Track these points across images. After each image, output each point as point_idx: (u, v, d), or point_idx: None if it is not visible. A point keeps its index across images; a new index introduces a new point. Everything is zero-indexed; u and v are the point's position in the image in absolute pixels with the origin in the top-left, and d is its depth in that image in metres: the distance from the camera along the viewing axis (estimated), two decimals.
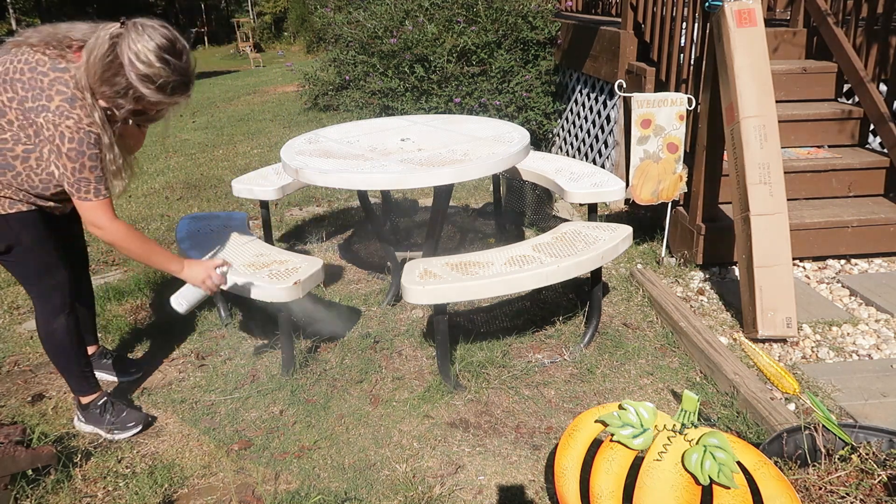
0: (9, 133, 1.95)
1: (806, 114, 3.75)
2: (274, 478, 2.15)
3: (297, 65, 10.53)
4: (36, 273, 2.16)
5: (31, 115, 1.90)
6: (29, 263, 2.13)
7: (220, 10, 31.52)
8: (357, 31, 6.57)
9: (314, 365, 2.76)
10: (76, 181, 1.95)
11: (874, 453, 1.72)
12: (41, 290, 2.18)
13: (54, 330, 2.21)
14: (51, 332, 2.22)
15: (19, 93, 1.90)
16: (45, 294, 2.18)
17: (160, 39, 1.89)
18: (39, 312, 2.21)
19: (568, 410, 2.42)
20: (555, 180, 3.28)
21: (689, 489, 1.62)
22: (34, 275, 2.16)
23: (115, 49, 1.86)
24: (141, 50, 1.86)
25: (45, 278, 2.17)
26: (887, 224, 3.34)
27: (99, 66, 1.87)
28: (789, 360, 2.62)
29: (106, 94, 1.92)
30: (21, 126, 1.94)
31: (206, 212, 3.75)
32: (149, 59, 1.86)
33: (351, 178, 2.65)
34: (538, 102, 5.85)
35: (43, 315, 2.21)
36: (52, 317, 2.20)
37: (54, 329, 2.21)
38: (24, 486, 2.06)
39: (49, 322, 2.21)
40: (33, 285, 2.18)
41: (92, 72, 1.88)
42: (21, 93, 1.90)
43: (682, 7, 3.84)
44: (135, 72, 1.87)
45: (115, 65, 1.87)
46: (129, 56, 1.86)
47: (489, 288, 2.44)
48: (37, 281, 2.17)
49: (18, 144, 1.96)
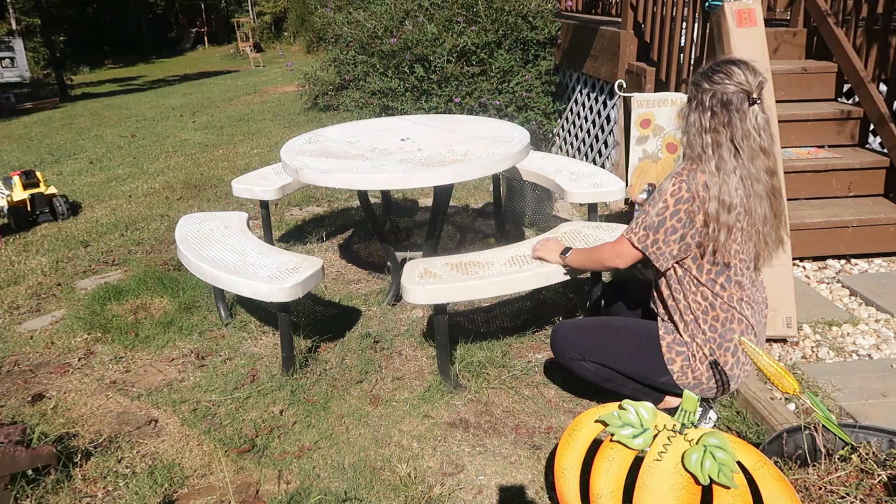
0: None
1: (806, 114, 3.75)
2: (274, 478, 2.15)
3: (297, 65, 10.53)
4: None
5: None
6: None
7: (220, 10, 31.50)
8: (357, 31, 6.57)
9: (314, 365, 2.76)
10: None
11: (874, 453, 1.72)
12: None
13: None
14: None
15: None
16: None
17: None
18: None
19: (568, 410, 2.42)
20: (555, 180, 3.28)
21: (689, 489, 1.62)
22: None
23: None
24: None
25: None
26: (887, 224, 3.33)
27: None
28: (789, 360, 2.62)
29: None
30: None
31: (206, 212, 3.75)
32: None
33: (351, 178, 2.65)
34: (538, 102, 5.85)
35: None
36: None
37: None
38: (24, 486, 2.06)
39: None
40: None
41: None
42: None
43: (682, 7, 3.84)
44: None
45: None
46: None
47: (489, 288, 2.44)
48: None
49: None
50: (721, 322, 1.93)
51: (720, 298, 1.91)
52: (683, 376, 2.02)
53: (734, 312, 1.91)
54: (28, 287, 3.72)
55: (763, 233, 1.91)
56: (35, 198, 4.82)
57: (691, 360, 2.00)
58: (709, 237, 1.85)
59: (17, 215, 4.73)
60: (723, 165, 1.84)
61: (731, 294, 1.89)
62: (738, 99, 1.84)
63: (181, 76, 18.40)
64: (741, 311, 1.92)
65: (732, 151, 1.85)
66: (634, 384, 2.18)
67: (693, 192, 1.85)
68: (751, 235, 1.90)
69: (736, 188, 1.84)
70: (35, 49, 20.95)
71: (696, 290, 1.94)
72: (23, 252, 4.29)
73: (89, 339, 3.06)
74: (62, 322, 3.25)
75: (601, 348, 2.15)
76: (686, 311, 1.98)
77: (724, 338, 1.94)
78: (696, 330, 1.97)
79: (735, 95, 1.84)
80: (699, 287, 1.93)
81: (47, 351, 3.01)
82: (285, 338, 2.63)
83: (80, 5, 27.40)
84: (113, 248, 4.26)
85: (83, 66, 23.33)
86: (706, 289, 1.92)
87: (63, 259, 4.12)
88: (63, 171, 6.73)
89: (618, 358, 2.12)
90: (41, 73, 20.08)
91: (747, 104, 1.84)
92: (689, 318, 1.98)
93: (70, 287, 3.68)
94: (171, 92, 13.51)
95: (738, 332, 1.94)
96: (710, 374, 1.99)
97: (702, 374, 2.00)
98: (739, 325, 1.93)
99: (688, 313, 1.98)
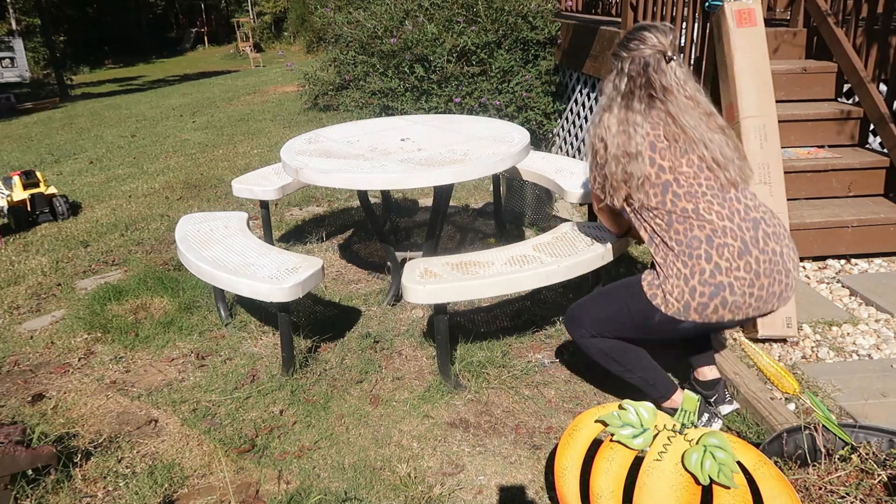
0: None
1: (806, 114, 3.75)
2: (274, 478, 2.15)
3: (297, 65, 10.54)
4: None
5: None
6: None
7: (220, 10, 31.51)
8: (357, 31, 6.57)
9: (314, 365, 2.76)
10: None
11: (874, 453, 1.72)
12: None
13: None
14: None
15: None
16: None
17: None
18: None
19: (568, 410, 2.42)
20: (555, 180, 3.28)
21: (689, 489, 1.62)
22: None
23: None
24: None
25: None
26: (887, 224, 3.33)
27: None
28: (789, 360, 2.62)
29: None
30: None
31: (206, 212, 3.75)
32: None
33: (351, 178, 2.65)
34: (538, 102, 5.85)
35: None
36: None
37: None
38: (24, 486, 2.06)
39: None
40: None
41: None
42: None
43: (682, 7, 3.84)
44: None
45: None
46: None
47: (489, 288, 2.44)
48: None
49: None
50: (682, 233, 1.95)
51: (674, 214, 1.95)
52: (670, 305, 1.96)
53: (691, 221, 1.93)
54: (28, 287, 3.72)
55: (710, 155, 1.96)
56: (35, 198, 4.82)
57: (671, 286, 1.95)
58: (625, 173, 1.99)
59: (17, 215, 4.73)
60: (630, 116, 1.99)
61: (683, 206, 1.94)
62: (654, 60, 1.99)
63: (181, 76, 18.41)
64: (699, 219, 1.93)
65: (646, 103, 1.99)
66: (642, 372, 2.15)
67: (599, 133, 2.04)
68: (699, 166, 1.96)
69: (644, 136, 1.96)
70: (35, 49, 20.96)
71: (653, 216, 2.00)
72: (23, 252, 4.30)
73: (89, 339, 3.06)
74: (62, 322, 3.25)
75: (599, 313, 2.14)
76: (654, 239, 2.02)
77: (691, 246, 1.93)
78: (666, 251, 1.98)
79: (651, 57, 1.99)
80: (653, 211, 1.99)
81: (47, 351, 3.01)
82: (285, 338, 2.63)
83: (80, 5, 27.42)
84: (113, 248, 4.26)
85: (83, 66, 23.35)
86: (660, 210, 1.98)
87: (63, 259, 4.12)
88: (63, 171, 6.73)
89: (616, 318, 2.10)
90: (41, 73, 20.09)
91: (664, 62, 1.99)
92: (658, 244, 2.01)
93: (70, 287, 3.68)
94: (171, 92, 13.51)
95: (704, 238, 1.92)
96: (692, 289, 1.92)
97: (684, 293, 1.93)
98: (702, 231, 1.92)
99: (655, 239, 2.01)
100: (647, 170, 1.95)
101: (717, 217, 1.93)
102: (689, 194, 1.93)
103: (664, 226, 1.97)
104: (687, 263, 1.93)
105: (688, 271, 1.92)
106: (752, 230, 1.93)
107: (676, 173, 1.94)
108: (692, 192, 1.93)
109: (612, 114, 2.02)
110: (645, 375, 2.17)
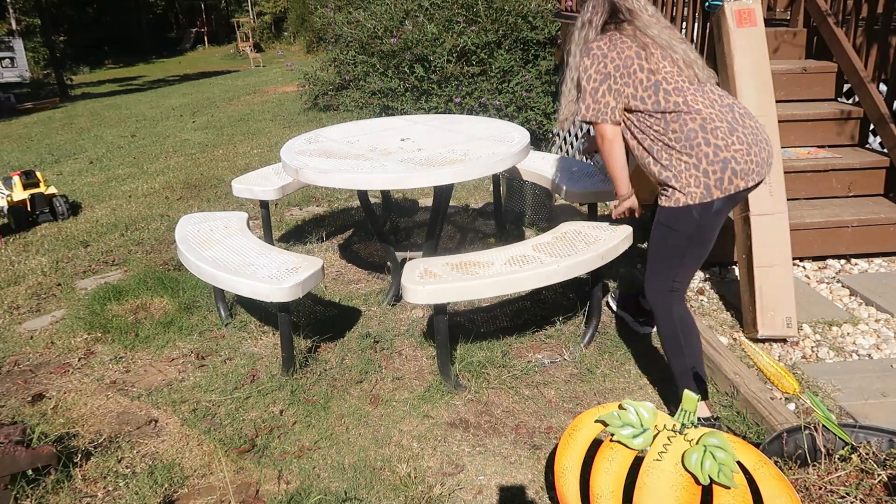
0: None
1: (806, 114, 3.75)
2: (274, 478, 2.15)
3: (297, 65, 10.54)
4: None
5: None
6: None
7: (220, 10, 31.51)
8: (357, 31, 6.58)
9: (314, 365, 2.76)
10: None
11: (874, 453, 1.72)
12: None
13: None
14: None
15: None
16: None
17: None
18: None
19: (568, 410, 2.42)
20: (555, 180, 3.28)
21: (689, 489, 1.62)
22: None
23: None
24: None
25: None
26: (887, 224, 3.34)
27: None
28: (789, 360, 2.62)
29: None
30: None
31: (206, 212, 3.75)
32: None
33: (351, 178, 2.65)
34: (538, 102, 5.85)
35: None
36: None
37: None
38: (24, 486, 2.07)
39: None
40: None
41: None
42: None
43: (682, 7, 3.84)
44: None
45: None
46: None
47: (489, 288, 2.43)
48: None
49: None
50: (679, 130, 2.14)
51: (667, 113, 2.15)
52: (694, 195, 2.12)
53: (684, 116, 2.14)
54: (28, 287, 3.72)
55: (680, 57, 2.20)
56: (35, 198, 4.82)
57: (686, 180, 2.13)
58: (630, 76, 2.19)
59: (17, 215, 4.73)
60: (612, 36, 2.20)
61: (675, 101, 2.14)
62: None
63: (181, 76, 18.41)
64: (689, 110, 2.13)
65: (618, 26, 2.23)
66: (691, 354, 2.23)
67: (597, 55, 2.21)
68: (674, 62, 2.19)
69: (628, 48, 2.18)
70: (35, 49, 20.96)
71: (650, 124, 2.18)
72: (23, 252, 4.30)
73: (89, 339, 3.06)
74: (62, 322, 3.25)
75: (664, 264, 2.26)
76: (655, 146, 2.19)
77: (689, 138, 2.13)
78: (670, 152, 2.16)
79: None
80: (650, 116, 2.18)
81: (47, 351, 3.01)
82: (285, 338, 2.63)
83: (80, 5, 27.42)
84: (113, 248, 4.26)
85: (83, 66, 23.34)
86: (655, 113, 2.17)
87: (63, 259, 4.12)
88: (63, 171, 6.73)
89: (675, 252, 2.23)
90: (41, 73, 20.09)
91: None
92: (660, 150, 2.18)
93: (70, 287, 3.68)
94: (171, 92, 13.51)
95: (698, 128, 2.11)
96: (705, 172, 2.11)
97: (699, 179, 2.12)
98: (695, 122, 2.12)
99: (657, 145, 2.18)
100: (638, 75, 2.17)
101: (703, 106, 2.15)
102: (676, 90, 2.16)
103: (662, 129, 2.16)
104: (691, 154, 2.13)
105: (694, 160, 2.12)
106: (729, 113, 2.17)
107: (662, 73, 2.18)
108: (679, 87, 2.16)
109: (595, 42, 2.23)
110: (694, 363, 2.24)
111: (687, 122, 2.13)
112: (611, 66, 2.17)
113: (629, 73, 2.16)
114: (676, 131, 2.14)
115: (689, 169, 2.12)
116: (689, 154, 2.12)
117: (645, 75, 2.16)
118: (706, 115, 2.13)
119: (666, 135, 2.15)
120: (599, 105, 2.19)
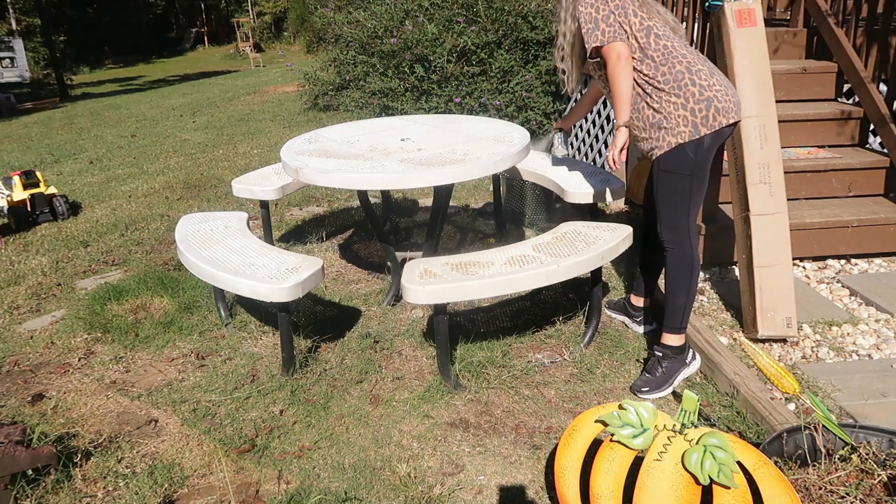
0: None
1: (806, 114, 3.75)
2: (274, 478, 2.15)
3: (297, 65, 10.54)
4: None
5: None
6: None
7: (220, 10, 31.52)
8: (357, 31, 6.58)
9: (314, 365, 2.76)
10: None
11: (874, 453, 1.72)
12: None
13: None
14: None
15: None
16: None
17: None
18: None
19: (568, 410, 2.42)
20: (555, 180, 3.28)
21: (689, 489, 1.62)
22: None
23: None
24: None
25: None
26: (887, 224, 3.34)
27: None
28: (789, 360, 2.62)
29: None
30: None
31: (206, 212, 3.75)
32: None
33: (351, 178, 2.65)
34: (538, 102, 5.86)
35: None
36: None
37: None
38: (24, 486, 2.07)
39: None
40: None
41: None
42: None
43: (682, 7, 3.84)
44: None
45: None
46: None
47: (489, 288, 2.44)
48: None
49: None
50: (668, 73, 2.32)
51: (657, 55, 2.32)
52: (684, 133, 2.30)
53: (671, 59, 2.32)
54: (28, 287, 3.72)
55: (664, 20, 2.41)
56: (35, 198, 4.82)
57: (675, 121, 2.31)
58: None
59: (17, 215, 4.73)
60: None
61: (665, 45, 2.33)
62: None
63: (181, 76, 18.41)
64: (676, 54, 2.32)
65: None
66: (691, 292, 2.46)
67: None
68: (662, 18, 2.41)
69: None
70: (35, 49, 20.96)
71: (640, 66, 2.34)
72: (23, 252, 4.30)
73: (89, 339, 3.06)
74: (62, 322, 3.26)
75: (677, 204, 2.41)
76: (646, 89, 2.35)
77: (677, 80, 2.31)
78: (659, 94, 2.34)
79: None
80: (640, 62, 2.34)
81: (47, 351, 3.01)
82: (285, 338, 2.64)
83: (80, 5, 27.42)
84: (113, 248, 4.26)
85: (83, 66, 23.35)
86: (646, 56, 2.33)
87: (63, 259, 4.12)
88: (63, 171, 6.73)
89: (683, 192, 2.39)
90: (41, 73, 20.09)
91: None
92: (650, 93, 2.34)
93: (70, 287, 3.68)
94: (171, 92, 13.52)
95: (684, 70, 2.30)
96: (692, 111, 2.29)
97: (687, 118, 2.30)
98: (681, 65, 2.32)
99: (647, 89, 2.35)
100: (632, 18, 2.34)
101: (687, 52, 2.36)
102: (664, 35, 2.36)
103: (653, 72, 2.33)
104: (679, 94, 2.31)
105: (682, 101, 2.31)
106: (706, 62, 2.39)
107: (653, 20, 2.37)
108: (666, 33, 2.36)
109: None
110: (690, 303, 2.48)
111: (675, 65, 2.32)
112: (610, 4, 2.32)
113: (625, 14, 2.33)
114: (665, 74, 2.32)
115: (677, 109, 2.31)
116: (678, 94, 2.31)
117: (638, 19, 2.34)
118: (690, 59, 2.33)
119: (656, 77, 2.33)
120: (613, 27, 2.31)
